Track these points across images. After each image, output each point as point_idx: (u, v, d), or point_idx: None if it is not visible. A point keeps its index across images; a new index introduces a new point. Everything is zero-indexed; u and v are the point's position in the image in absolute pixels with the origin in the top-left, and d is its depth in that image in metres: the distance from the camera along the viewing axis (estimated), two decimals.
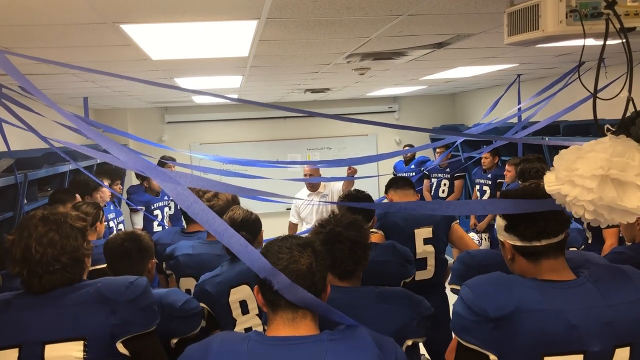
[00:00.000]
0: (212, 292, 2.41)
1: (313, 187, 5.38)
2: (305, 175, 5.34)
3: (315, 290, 1.50)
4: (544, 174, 1.59)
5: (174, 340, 2.10)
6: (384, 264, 2.56)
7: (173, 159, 6.13)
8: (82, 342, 1.66)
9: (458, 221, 3.35)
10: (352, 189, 2.98)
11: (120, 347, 1.71)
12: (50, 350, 1.66)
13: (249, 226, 2.61)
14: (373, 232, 3.08)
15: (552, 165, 1.58)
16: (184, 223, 6.36)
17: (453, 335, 1.67)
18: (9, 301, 1.75)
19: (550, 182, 1.53)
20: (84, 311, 1.70)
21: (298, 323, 1.47)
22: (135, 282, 1.79)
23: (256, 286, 1.55)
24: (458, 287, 2.13)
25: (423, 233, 3.20)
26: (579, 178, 1.46)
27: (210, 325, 2.48)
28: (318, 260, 1.54)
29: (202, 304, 2.44)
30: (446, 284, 3.08)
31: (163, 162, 5.94)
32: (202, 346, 1.47)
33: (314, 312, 1.51)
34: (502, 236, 1.69)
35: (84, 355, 1.66)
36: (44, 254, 1.71)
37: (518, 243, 1.63)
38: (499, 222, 1.71)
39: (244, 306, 2.42)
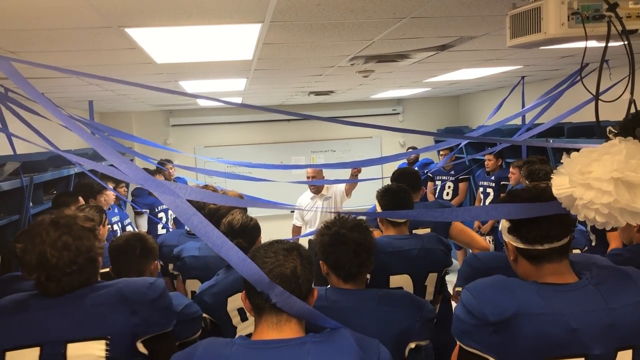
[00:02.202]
0: (209, 303, 2.40)
1: (316, 190, 5.39)
2: (308, 177, 5.34)
3: (299, 293, 1.51)
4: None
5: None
6: (433, 251, 2.63)
7: (170, 161, 6.16)
8: (104, 341, 1.69)
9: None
10: (386, 184, 2.97)
11: (140, 347, 1.74)
12: (73, 349, 1.68)
13: (247, 232, 2.58)
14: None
15: (557, 169, 1.58)
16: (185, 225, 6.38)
17: None
18: (26, 302, 1.77)
19: (561, 185, 1.52)
20: (106, 311, 1.73)
21: (282, 326, 1.49)
22: (155, 283, 1.83)
23: (243, 292, 1.56)
24: None
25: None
26: (595, 181, 1.45)
27: (214, 334, 2.48)
28: (303, 264, 1.55)
29: (204, 315, 2.44)
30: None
31: (163, 163, 5.96)
32: (186, 353, 1.49)
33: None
34: (506, 237, 1.69)
35: (106, 354, 1.69)
36: (60, 258, 1.73)
37: (521, 245, 1.62)
38: (504, 223, 1.70)
39: (242, 313, 2.41)
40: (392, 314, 1.91)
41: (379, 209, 2.92)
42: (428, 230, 3.20)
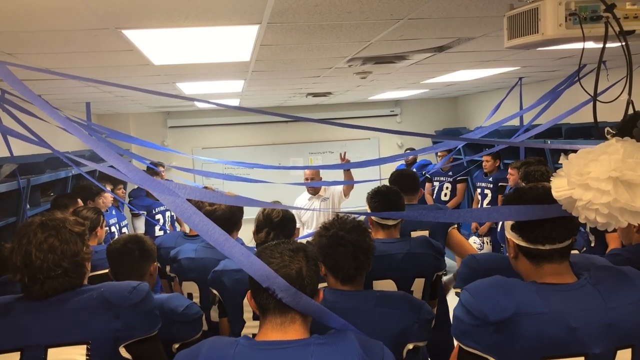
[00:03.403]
0: (228, 286, 2.38)
1: (314, 191, 5.39)
2: (306, 179, 5.34)
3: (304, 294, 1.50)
4: (549, 177, 1.58)
5: (176, 346, 2.10)
6: (421, 255, 2.58)
7: (162, 163, 6.14)
8: (85, 346, 1.67)
9: (456, 226, 3.32)
10: (376, 186, 2.95)
11: (123, 352, 1.72)
12: (54, 354, 1.67)
13: (286, 225, 2.59)
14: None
15: (555, 170, 1.57)
16: (177, 227, 6.36)
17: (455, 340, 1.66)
18: (10, 305, 1.76)
19: (560, 187, 1.52)
20: (87, 315, 1.71)
21: (286, 327, 1.49)
22: (138, 287, 1.80)
23: (249, 291, 1.56)
24: None
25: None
26: (593, 181, 1.45)
27: (221, 313, 2.49)
28: (309, 265, 1.55)
29: (214, 290, 2.44)
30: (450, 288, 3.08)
31: (155, 164, 5.93)
32: (191, 352, 1.49)
33: (304, 316, 1.52)
34: (508, 234, 1.69)
35: (87, 359, 1.67)
36: (44, 260, 1.72)
37: (522, 243, 1.62)
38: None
39: None
40: (390, 315, 1.91)
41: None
42: (426, 232, 3.20)
